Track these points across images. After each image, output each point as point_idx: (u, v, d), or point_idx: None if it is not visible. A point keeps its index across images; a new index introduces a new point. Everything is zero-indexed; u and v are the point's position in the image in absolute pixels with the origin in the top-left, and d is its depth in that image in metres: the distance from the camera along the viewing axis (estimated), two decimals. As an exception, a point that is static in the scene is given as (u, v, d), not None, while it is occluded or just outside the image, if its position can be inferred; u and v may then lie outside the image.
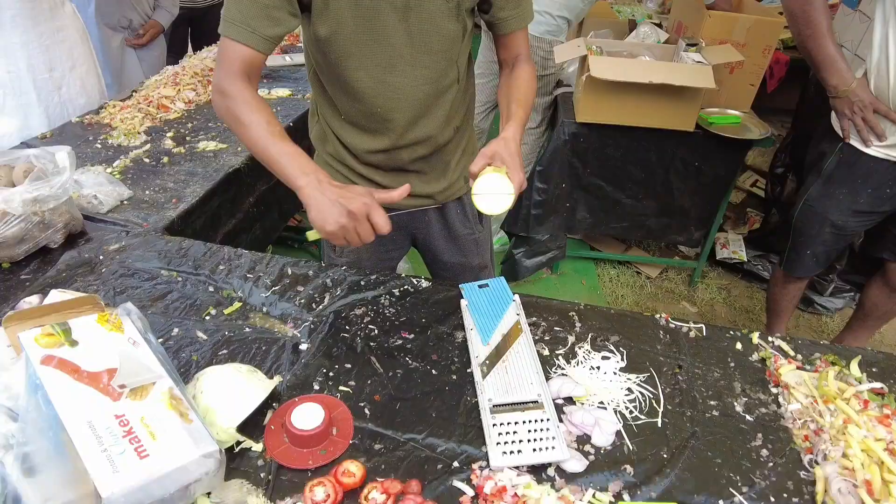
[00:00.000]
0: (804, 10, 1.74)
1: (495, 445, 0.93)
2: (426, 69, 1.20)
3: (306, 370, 1.07)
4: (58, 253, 1.37)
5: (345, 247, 1.49)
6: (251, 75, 1.11)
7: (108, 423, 0.78)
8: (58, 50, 1.99)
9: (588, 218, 2.68)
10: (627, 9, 3.26)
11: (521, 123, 1.20)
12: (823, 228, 2.02)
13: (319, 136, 1.39)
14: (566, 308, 1.26)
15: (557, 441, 0.93)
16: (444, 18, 1.15)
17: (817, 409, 1.03)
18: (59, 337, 0.86)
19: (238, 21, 1.06)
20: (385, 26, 1.12)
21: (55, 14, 1.96)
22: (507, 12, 1.24)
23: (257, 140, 1.06)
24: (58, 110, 2.05)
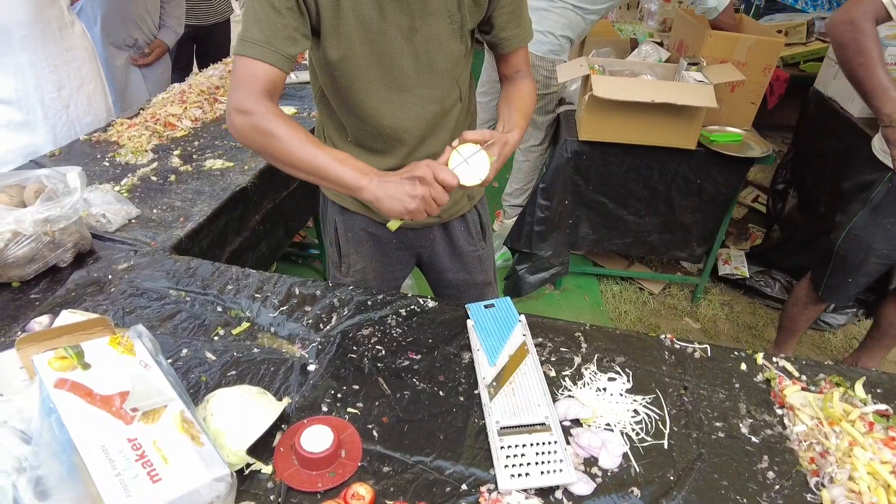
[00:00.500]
0: (855, 38, 1.73)
1: (503, 468, 0.93)
2: (432, 89, 1.23)
3: (314, 391, 1.08)
4: (67, 272, 1.38)
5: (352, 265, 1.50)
6: (273, 95, 1.10)
7: (120, 446, 0.78)
8: (66, 69, 2.02)
9: (591, 234, 2.70)
10: (629, 27, 3.30)
11: (522, 131, 1.23)
12: (869, 258, 2.01)
13: None
14: (572, 328, 1.26)
15: (565, 464, 0.94)
16: (448, 39, 1.18)
17: (823, 431, 1.04)
18: (72, 360, 0.87)
19: (260, 41, 1.06)
20: (392, 48, 1.15)
21: (64, 34, 1.99)
22: (508, 32, 1.26)
23: (298, 151, 1.04)
24: (65, 129, 2.07)
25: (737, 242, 3.35)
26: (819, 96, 2.98)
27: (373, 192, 1.02)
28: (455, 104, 1.31)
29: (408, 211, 1.01)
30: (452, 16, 1.16)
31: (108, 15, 2.63)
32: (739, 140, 2.46)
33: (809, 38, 3.83)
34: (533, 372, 1.10)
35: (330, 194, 1.47)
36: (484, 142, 1.09)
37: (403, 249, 1.51)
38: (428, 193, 1.01)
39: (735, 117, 2.55)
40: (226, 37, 3.76)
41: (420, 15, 1.13)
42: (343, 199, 1.44)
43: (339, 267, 1.52)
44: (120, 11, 2.67)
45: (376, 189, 1.02)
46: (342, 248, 1.50)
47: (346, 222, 1.47)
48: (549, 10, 2.55)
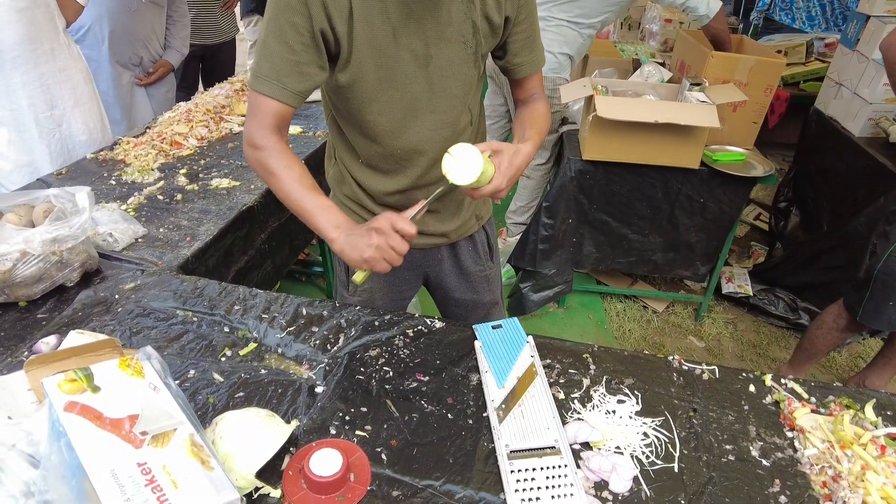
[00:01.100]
0: None
1: (514, 493, 0.93)
2: (444, 114, 1.23)
3: (322, 414, 1.07)
4: (73, 291, 1.38)
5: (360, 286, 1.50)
6: (282, 127, 1.17)
7: (130, 471, 0.78)
8: (60, 88, 2.04)
9: (594, 253, 2.70)
10: (631, 47, 3.33)
11: (536, 146, 1.24)
12: None
13: (336, 178, 1.42)
14: (580, 350, 1.26)
15: (576, 488, 0.93)
16: (462, 64, 1.19)
17: (835, 455, 1.03)
18: (81, 382, 0.86)
19: (269, 77, 1.10)
20: (406, 74, 1.16)
21: (57, 54, 2.01)
22: (522, 58, 1.28)
23: (289, 192, 1.14)
24: (59, 146, 2.09)
25: (739, 260, 3.35)
26: (820, 116, 3.00)
27: (339, 245, 1.08)
28: (466, 128, 1.31)
29: (364, 260, 1.04)
30: (467, 42, 1.16)
31: (115, 34, 2.65)
32: (742, 159, 2.48)
33: (809, 58, 3.87)
34: (542, 394, 1.09)
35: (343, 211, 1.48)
36: (489, 149, 1.10)
37: (411, 269, 1.51)
38: (384, 243, 1.03)
39: (737, 137, 2.57)
40: (232, 56, 3.80)
41: (434, 41, 1.14)
42: (351, 217, 1.44)
43: (347, 286, 1.52)
44: (127, 31, 2.70)
45: (342, 241, 1.07)
46: (350, 267, 1.50)
47: None
48: (545, 28, 2.56)
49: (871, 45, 2.61)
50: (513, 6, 1.18)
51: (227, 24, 3.58)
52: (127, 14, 2.67)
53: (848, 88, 2.78)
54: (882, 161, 2.50)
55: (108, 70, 2.71)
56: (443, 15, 1.12)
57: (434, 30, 1.12)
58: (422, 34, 1.12)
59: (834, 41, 3.84)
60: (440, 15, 1.12)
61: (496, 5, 1.16)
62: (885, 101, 2.61)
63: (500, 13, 1.18)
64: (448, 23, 1.13)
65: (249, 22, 4.25)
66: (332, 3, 1.07)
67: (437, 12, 1.11)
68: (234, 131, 2.37)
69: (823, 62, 3.78)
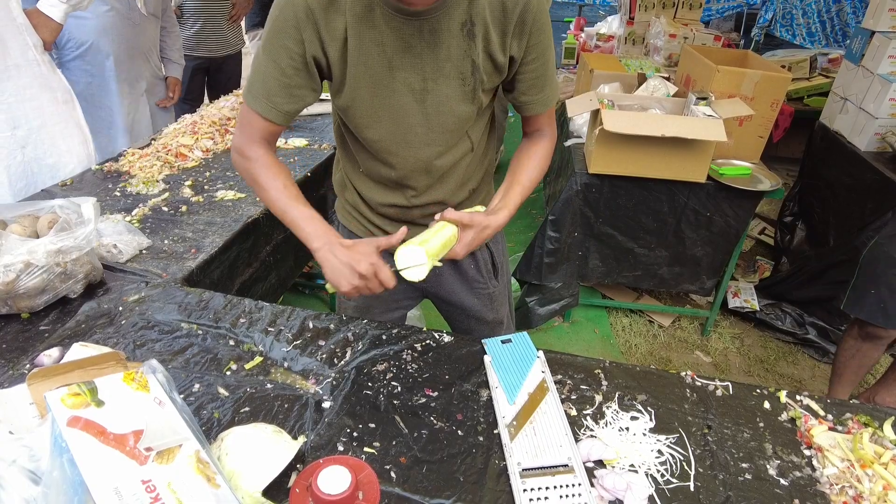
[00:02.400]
0: None
1: None
2: (440, 146, 1.23)
3: (330, 430, 1.05)
4: (77, 303, 1.36)
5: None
6: (270, 141, 1.22)
7: (134, 489, 0.76)
8: (23, 108, 1.95)
9: (600, 266, 2.68)
10: (635, 62, 3.34)
11: (512, 212, 1.25)
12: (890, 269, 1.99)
13: (340, 184, 1.43)
14: (591, 365, 1.24)
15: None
16: (459, 101, 1.17)
17: (855, 475, 1.00)
18: (85, 397, 0.84)
19: (260, 94, 1.14)
20: (401, 106, 1.15)
21: (22, 72, 1.93)
22: (529, 97, 1.24)
23: (275, 202, 1.18)
24: (20, 169, 1.98)
25: (745, 275, 3.33)
26: (825, 130, 3.00)
27: (321, 258, 1.10)
28: (465, 155, 1.29)
29: (343, 291, 1.08)
30: (465, 79, 1.14)
31: (120, 50, 2.66)
32: (748, 173, 2.47)
33: (812, 73, 3.88)
34: (554, 410, 1.07)
35: (340, 217, 1.47)
36: (461, 223, 1.15)
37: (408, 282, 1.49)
38: (364, 286, 1.08)
39: (743, 151, 2.56)
40: (237, 69, 3.81)
41: (432, 77, 1.13)
42: (351, 222, 1.43)
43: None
44: (130, 46, 2.70)
45: (325, 256, 1.09)
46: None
47: None
48: None
49: (875, 60, 2.62)
50: (519, 47, 1.14)
51: (234, 37, 3.60)
52: (129, 28, 2.67)
53: (853, 103, 2.78)
54: (889, 175, 2.49)
55: (115, 87, 2.71)
56: (442, 51, 1.11)
57: (432, 65, 1.11)
58: (419, 69, 1.12)
59: (837, 56, 3.86)
60: (439, 51, 1.10)
61: (500, 45, 1.13)
62: (891, 116, 2.61)
63: (505, 53, 1.14)
64: (447, 59, 1.11)
65: (255, 36, 4.27)
66: (325, 30, 1.07)
67: (436, 49, 1.10)
68: (240, 143, 2.36)
69: (827, 77, 3.79)
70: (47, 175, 2.06)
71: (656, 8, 3.70)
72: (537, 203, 4.08)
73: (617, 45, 3.79)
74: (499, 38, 1.12)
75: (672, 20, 3.62)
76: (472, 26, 1.10)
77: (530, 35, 1.13)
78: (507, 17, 1.10)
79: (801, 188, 3.22)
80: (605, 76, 2.82)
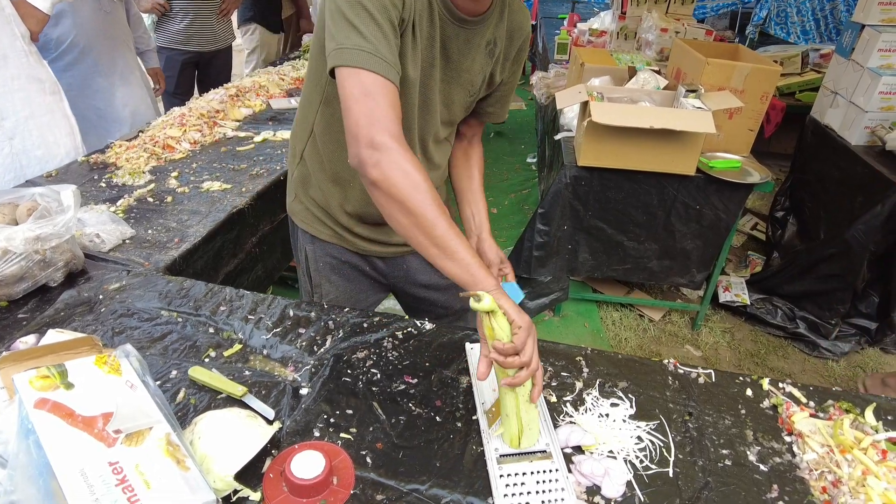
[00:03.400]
0: None
1: (502, 497, 0.89)
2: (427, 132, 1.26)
3: (307, 416, 1.04)
4: (57, 292, 1.35)
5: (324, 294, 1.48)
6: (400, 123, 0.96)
7: (100, 470, 0.75)
8: (11, 98, 1.92)
9: (590, 260, 2.68)
10: (626, 56, 3.34)
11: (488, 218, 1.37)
12: None
13: (301, 180, 1.39)
14: (573, 353, 1.23)
15: (567, 493, 0.90)
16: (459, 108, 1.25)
17: (834, 460, 1.00)
18: (54, 379, 0.83)
19: (389, 59, 0.93)
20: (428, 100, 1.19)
21: (8, 63, 1.90)
22: (493, 108, 1.37)
23: (436, 220, 0.90)
24: (9, 161, 1.94)
25: (736, 270, 3.33)
26: (816, 125, 3.00)
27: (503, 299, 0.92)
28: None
29: (524, 329, 0.90)
30: (471, 91, 1.23)
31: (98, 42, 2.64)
32: (738, 167, 2.46)
33: (804, 68, 3.88)
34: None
35: (298, 221, 1.42)
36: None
37: (377, 277, 1.48)
38: (530, 356, 0.90)
39: (733, 144, 2.56)
40: (228, 63, 3.79)
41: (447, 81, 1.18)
42: (313, 226, 1.40)
43: (312, 296, 1.49)
44: (106, 37, 2.68)
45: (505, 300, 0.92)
46: (313, 277, 1.47)
47: (316, 251, 1.43)
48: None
49: (866, 53, 2.62)
50: (510, 71, 1.29)
51: (224, 31, 3.59)
52: (102, 17, 2.64)
53: (844, 97, 2.78)
54: (879, 169, 2.49)
55: (103, 81, 2.69)
56: (466, 62, 1.17)
57: (455, 71, 1.17)
58: (444, 70, 1.16)
59: (829, 52, 3.85)
60: (464, 61, 1.17)
61: (502, 67, 1.25)
62: (881, 110, 2.61)
63: (502, 74, 1.27)
64: (468, 70, 1.18)
65: (247, 31, 4.25)
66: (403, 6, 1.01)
67: (463, 58, 1.16)
68: (228, 136, 2.35)
69: (819, 72, 3.79)
70: (35, 167, 2.04)
71: (648, 3, 3.70)
72: (530, 198, 4.08)
73: (609, 41, 3.78)
74: (503, 60, 1.24)
75: (664, 15, 3.61)
76: (494, 46, 1.19)
77: (518, 62, 1.29)
78: (513, 44, 1.23)
79: (792, 183, 3.22)
80: (595, 70, 2.82)
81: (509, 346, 0.89)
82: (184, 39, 3.39)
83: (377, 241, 1.39)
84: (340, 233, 1.37)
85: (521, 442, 0.95)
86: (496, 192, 4.17)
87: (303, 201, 1.40)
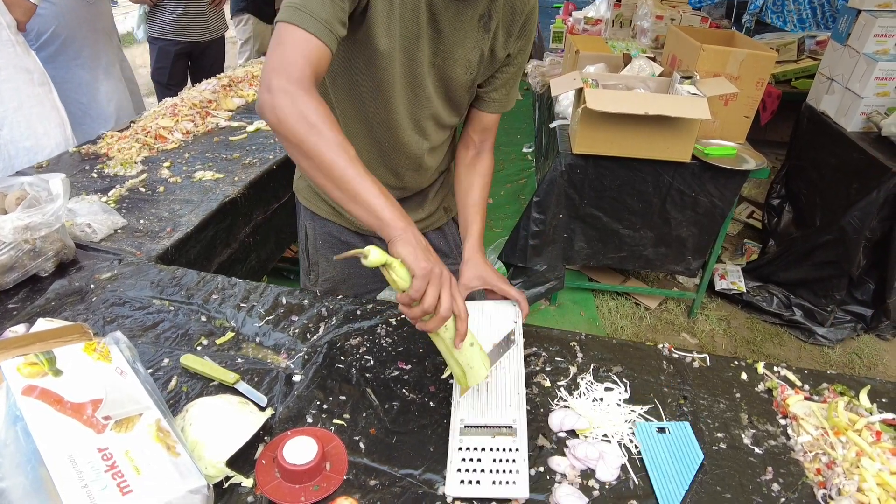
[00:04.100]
0: None
1: (455, 472, 0.89)
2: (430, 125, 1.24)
3: (300, 402, 1.03)
4: (48, 282, 1.34)
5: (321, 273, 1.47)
6: (319, 79, 0.95)
7: (90, 457, 0.74)
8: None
9: (585, 248, 2.67)
10: (622, 44, 3.32)
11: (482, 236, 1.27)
12: None
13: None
14: (567, 338, 1.23)
15: (521, 476, 0.89)
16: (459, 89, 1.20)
17: (829, 442, 1.00)
18: (42, 366, 0.82)
19: (322, 18, 0.92)
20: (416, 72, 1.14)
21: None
22: (498, 94, 1.28)
23: (336, 159, 0.88)
24: None
25: (733, 258, 3.33)
26: (812, 111, 2.99)
27: (402, 244, 0.88)
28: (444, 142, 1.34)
29: (421, 267, 0.86)
30: (469, 68, 1.17)
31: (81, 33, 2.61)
32: (734, 154, 2.46)
33: (800, 55, 3.87)
34: (514, 366, 1.03)
35: (301, 197, 1.42)
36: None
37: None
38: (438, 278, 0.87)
39: (729, 131, 2.55)
40: (220, 54, 3.76)
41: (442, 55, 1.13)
42: (314, 203, 1.39)
43: (309, 275, 1.47)
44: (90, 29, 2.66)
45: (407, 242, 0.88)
46: (311, 255, 1.46)
47: (316, 229, 1.42)
48: None
49: (861, 39, 2.60)
50: (516, 45, 1.21)
51: (216, 21, 3.56)
52: (85, 7, 2.61)
53: (839, 83, 2.77)
54: (874, 155, 2.49)
55: (86, 75, 2.66)
56: (458, 35, 1.12)
57: (446, 45, 1.12)
58: (435, 43, 1.11)
59: (825, 38, 3.84)
60: (456, 35, 1.12)
61: (504, 42, 1.18)
62: (877, 96, 2.60)
63: (504, 51, 1.20)
64: (460, 44, 1.13)
65: (240, 21, 4.22)
66: None
67: (455, 32, 1.11)
68: (221, 126, 2.34)
69: (815, 59, 3.78)
70: (25, 158, 2.02)
71: (644, -10, 3.67)
72: (526, 188, 4.06)
73: (604, 29, 3.76)
74: (504, 35, 1.18)
75: (659, 2, 3.59)
76: (488, 19, 1.14)
77: (525, 39, 1.21)
78: (515, 18, 1.16)
79: (788, 170, 3.22)
80: (590, 57, 2.80)
81: (404, 297, 0.86)
82: (176, 30, 3.37)
83: None
84: (341, 210, 1.36)
85: (468, 382, 0.94)
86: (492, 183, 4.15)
87: (305, 177, 1.39)
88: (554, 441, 0.99)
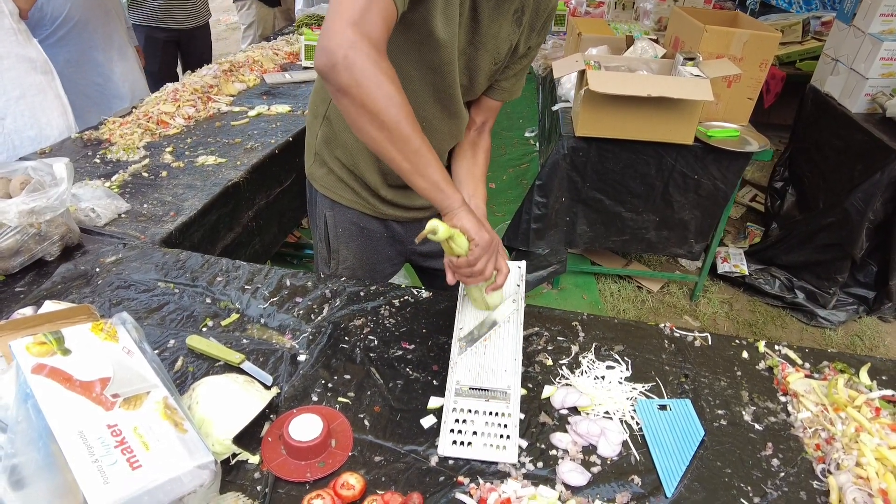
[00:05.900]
0: None
1: (448, 433, 0.91)
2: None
3: (305, 381, 1.05)
4: (54, 265, 1.35)
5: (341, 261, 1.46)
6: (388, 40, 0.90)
7: (99, 432, 0.75)
8: (0, 79, 1.89)
9: (588, 231, 2.67)
10: (625, 26, 3.29)
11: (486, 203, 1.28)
12: None
13: (325, 141, 1.34)
14: (569, 318, 1.24)
15: (511, 442, 0.91)
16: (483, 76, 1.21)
17: (828, 418, 1.01)
18: (51, 345, 0.83)
19: None
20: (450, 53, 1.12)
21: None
22: (508, 83, 1.29)
23: (410, 126, 0.89)
24: (0, 140, 1.93)
25: (735, 241, 3.33)
26: (816, 93, 2.97)
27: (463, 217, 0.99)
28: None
29: (484, 238, 0.99)
30: (497, 59, 1.18)
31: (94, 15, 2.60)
32: (737, 136, 2.45)
33: (805, 36, 3.83)
34: (513, 331, 1.04)
35: (319, 186, 1.41)
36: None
37: (394, 244, 1.48)
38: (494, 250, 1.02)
39: (732, 113, 2.53)
40: (207, 41, 3.73)
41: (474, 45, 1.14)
42: (334, 190, 1.39)
43: (329, 262, 1.48)
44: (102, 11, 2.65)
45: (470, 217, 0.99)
46: (332, 243, 1.46)
47: (336, 216, 1.42)
48: None
49: (867, 19, 2.58)
50: (536, 40, 1.24)
51: (201, 6, 3.51)
52: None
53: (844, 64, 2.75)
54: (879, 136, 2.48)
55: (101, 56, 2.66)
56: (493, 27, 1.13)
57: (481, 35, 1.13)
58: (471, 32, 1.12)
59: (830, 19, 3.80)
60: (492, 27, 1.13)
61: (528, 36, 1.21)
62: (882, 77, 2.58)
63: (527, 43, 1.23)
64: (494, 36, 1.14)
65: (243, 6, 4.19)
66: None
67: (492, 23, 1.12)
68: (222, 111, 2.33)
69: (820, 41, 3.74)
70: (28, 147, 2.02)
71: (647, -29, 3.63)
72: (528, 172, 4.05)
73: (607, 11, 3.72)
74: (528, 30, 1.20)
75: (663, -16, 3.55)
76: (521, 14, 1.16)
77: (543, 35, 1.25)
78: (539, 14, 1.19)
79: (791, 153, 3.20)
80: (593, 39, 2.78)
81: (462, 260, 0.99)
82: (162, 16, 3.31)
83: (400, 205, 1.38)
84: (364, 196, 1.35)
85: (488, 305, 1.08)
86: (494, 167, 4.14)
87: (326, 162, 1.36)
88: (556, 418, 1.00)
